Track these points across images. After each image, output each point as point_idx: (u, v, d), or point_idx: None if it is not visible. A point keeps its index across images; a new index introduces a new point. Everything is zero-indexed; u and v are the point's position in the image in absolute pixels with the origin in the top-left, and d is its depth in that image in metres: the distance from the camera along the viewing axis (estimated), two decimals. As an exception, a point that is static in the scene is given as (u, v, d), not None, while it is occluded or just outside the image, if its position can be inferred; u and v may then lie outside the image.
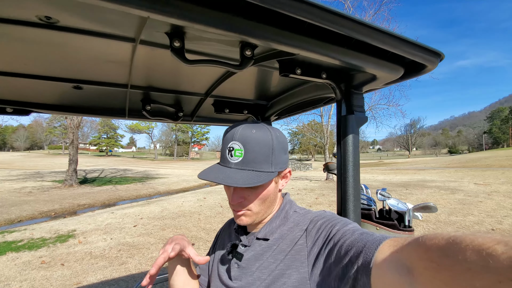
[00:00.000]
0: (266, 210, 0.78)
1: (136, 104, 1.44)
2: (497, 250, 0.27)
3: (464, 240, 0.31)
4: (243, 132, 0.72)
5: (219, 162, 0.77)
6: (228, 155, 0.73)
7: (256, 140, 0.71)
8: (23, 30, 0.71)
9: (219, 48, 0.83)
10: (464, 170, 17.88)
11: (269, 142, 0.73)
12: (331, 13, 0.62)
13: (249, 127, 0.73)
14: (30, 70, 1.02)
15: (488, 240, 0.29)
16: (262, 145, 0.72)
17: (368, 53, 0.83)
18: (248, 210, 0.75)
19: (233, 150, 0.71)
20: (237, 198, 0.73)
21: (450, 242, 0.33)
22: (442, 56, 0.88)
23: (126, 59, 0.94)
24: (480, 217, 6.02)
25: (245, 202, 0.74)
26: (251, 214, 0.75)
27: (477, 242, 0.30)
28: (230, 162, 0.72)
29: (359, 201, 1.04)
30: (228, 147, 0.73)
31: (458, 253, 0.31)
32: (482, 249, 0.29)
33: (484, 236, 0.30)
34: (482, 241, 0.30)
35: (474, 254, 0.29)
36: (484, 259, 0.28)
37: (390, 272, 0.43)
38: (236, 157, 0.71)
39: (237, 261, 0.77)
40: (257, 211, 0.76)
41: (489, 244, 0.29)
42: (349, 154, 1.03)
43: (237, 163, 0.71)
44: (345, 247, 0.57)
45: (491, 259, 0.27)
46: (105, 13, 0.64)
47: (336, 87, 1.04)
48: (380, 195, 1.37)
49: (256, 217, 0.77)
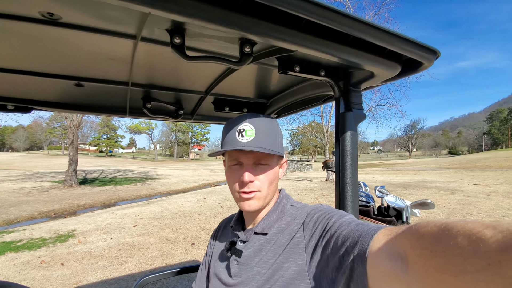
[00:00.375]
0: (271, 195, 0.80)
1: (137, 102, 1.45)
2: (486, 234, 0.28)
3: (455, 226, 0.32)
4: (251, 117, 0.77)
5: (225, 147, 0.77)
6: (238, 136, 0.75)
7: (264, 122, 0.77)
8: (26, 26, 0.72)
9: (219, 45, 0.85)
10: (464, 171, 17.89)
11: (275, 126, 0.80)
12: (329, 10, 0.64)
13: (256, 114, 0.79)
14: (31, 67, 1.03)
15: (477, 225, 0.30)
16: (270, 128, 0.78)
17: (366, 50, 0.84)
18: (259, 192, 0.76)
19: (244, 131, 0.75)
20: (249, 176, 0.74)
21: (442, 229, 0.34)
22: (438, 53, 0.89)
23: (127, 56, 0.95)
24: (479, 217, 6.03)
25: (256, 182, 0.76)
26: (260, 196, 0.77)
27: (467, 228, 0.31)
28: (241, 142, 0.74)
29: (357, 197, 1.05)
30: (238, 129, 0.76)
31: (450, 239, 0.32)
32: (472, 233, 0.30)
33: (474, 222, 0.31)
34: (472, 226, 0.31)
35: (464, 239, 0.30)
36: (474, 243, 0.29)
37: (385, 260, 0.44)
38: (248, 137, 0.74)
39: (236, 257, 0.78)
40: (265, 194, 0.78)
41: (478, 229, 0.30)
42: (347, 150, 1.04)
43: (249, 141, 0.74)
44: (341, 238, 0.58)
45: (481, 243, 0.28)
46: (107, 10, 0.65)
47: (334, 84, 1.05)
48: (378, 192, 1.38)
49: (263, 202, 0.78)
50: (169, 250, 4.73)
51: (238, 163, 0.78)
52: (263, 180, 0.77)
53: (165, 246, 4.91)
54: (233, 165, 0.79)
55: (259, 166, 0.77)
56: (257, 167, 0.76)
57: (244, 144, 0.74)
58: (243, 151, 0.75)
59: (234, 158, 0.78)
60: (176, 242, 5.15)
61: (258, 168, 0.76)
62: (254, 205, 0.76)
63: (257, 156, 0.76)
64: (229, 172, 0.80)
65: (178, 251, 4.68)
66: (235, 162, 0.78)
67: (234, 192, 0.78)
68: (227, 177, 0.81)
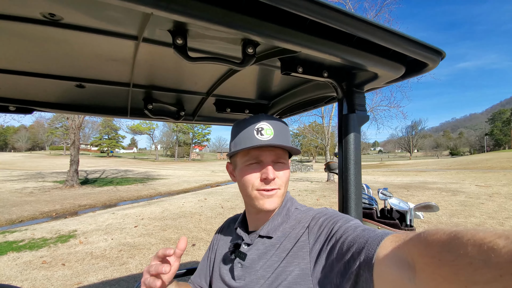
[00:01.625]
0: (285, 195, 0.81)
1: (138, 103, 1.44)
2: (498, 244, 0.27)
3: (465, 235, 0.31)
4: (267, 117, 0.79)
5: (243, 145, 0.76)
6: (257, 134, 0.75)
7: (279, 123, 0.79)
8: (27, 28, 0.71)
9: (221, 46, 0.84)
10: (465, 172, 17.81)
11: (286, 126, 0.82)
12: (333, 11, 0.63)
13: (268, 115, 0.81)
14: (33, 68, 1.02)
15: (489, 234, 0.29)
16: (284, 128, 0.80)
17: (370, 51, 0.83)
18: (279, 189, 0.77)
19: (263, 129, 0.76)
20: (274, 173, 0.74)
21: (452, 237, 0.33)
22: (443, 54, 0.88)
23: (128, 57, 0.94)
24: (481, 219, 5.99)
25: (277, 180, 0.76)
26: (280, 195, 0.77)
27: (478, 237, 0.30)
28: (261, 140, 0.74)
29: (360, 199, 1.04)
30: (257, 128, 0.76)
31: (459, 248, 0.31)
32: (483, 243, 0.29)
33: (485, 231, 0.30)
34: (483, 235, 0.29)
35: (475, 248, 0.29)
36: (485, 253, 0.28)
37: (392, 267, 0.43)
38: (267, 135, 0.75)
39: (240, 260, 0.77)
40: (283, 193, 0.79)
41: (490, 238, 0.28)
42: (350, 152, 1.03)
43: (270, 139, 0.75)
44: (347, 244, 0.57)
45: (492, 253, 0.27)
46: (109, 10, 0.64)
47: (337, 85, 1.04)
48: (381, 194, 1.36)
49: (281, 201, 0.78)
50: (170, 251, 4.72)
51: (257, 162, 0.76)
52: (283, 178, 0.78)
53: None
54: (251, 164, 0.77)
55: (278, 164, 0.77)
56: (276, 165, 0.77)
57: (267, 142, 0.74)
58: (265, 149, 0.76)
59: (254, 156, 0.76)
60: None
61: (277, 166, 0.77)
62: (275, 203, 0.76)
63: (277, 154, 0.77)
64: (245, 171, 0.77)
65: (179, 252, 4.67)
66: (254, 160, 0.76)
67: (252, 191, 0.76)
68: (241, 177, 0.78)
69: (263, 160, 0.76)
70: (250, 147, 0.73)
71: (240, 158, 0.79)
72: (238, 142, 0.78)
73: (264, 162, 0.75)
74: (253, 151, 0.76)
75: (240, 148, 0.75)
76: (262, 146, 0.73)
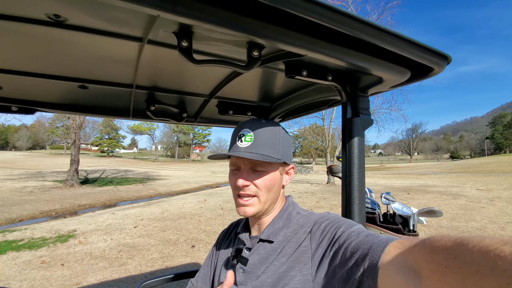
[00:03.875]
0: (271, 201, 0.80)
1: (141, 104, 1.44)
2: (505, 251, 0.27)
3: (471, 241, 0.31)
4: (253, 122, 0.79)
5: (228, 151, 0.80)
6: (238, 141, 0.78)
7: (265, 128, 0.79)
8: (32, 28, 0.71)
9: (226, 49, 0.83)
10: (466, 176, 17.78)
11: (276, 132, 0.80)
12: (341, 14, 0.62)
13: (260, 120, 0.81)
14: (36, 69, 1.02)
15: (495, 241, 0.29)
16: (269, 133, 0.78)
17: (376, 55, 0.83)
18: (255, 197, 0.76)
19: (244, 136, 0.77)
20: (244, 180, 0.75)
21: (457, 244, 0.32)
22: (450, 59, 0.87)
23: (132, 59, 0.94)
24: (482, 223, 5.97)
25: (252, 186, 0.76)
26: (257, 202, 0.77)
27: (484, 243, 0.29)
28: (239, 147, 0.77)
29: (364, 204, 1.03)
30: (239, 134, 0.78)
31: (466, 255, 0.30)
32: (489, 250, 0.28)
33: (492, 237, 0.30)
34: (489, 242, 0.29)
35: (481, 255, 0.29)
36: (492, 260, 0.27)
37: (397, 274, 0.43)
38: (246, 142, 0.76)
39: (242, 265, 0.77)
40: (264, 200, 0.77)
41: (496, 245, 0.28)
42: (354, 156, 1.02)
43: (246, 147, 0.76)
44: (350, 249, 0.57)
45: (499, 261, 0.27)
46: (115, 12, 0.64)
47: (342, 89, 1.04)
48: (384, 199, 1.36)
49: (262, 207, 0.77)
50: (170, 252, 4.71)
51: (237, 168, 0.79)
52: (260, 185, 0.77)
53: (166, 248, 4.89)
54: (233, 170, 0.81)
55: (255, 172, 0.77)
56: (254, 172, 0.77)
57: (241, 149, 0.76)
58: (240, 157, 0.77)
59: (233, 163, 0.80)
60: (177, 244, 5.13)
61: (255, 173, 0.77)
62: (249, 212, 0.77)
63: (253, 162, 0.76)
64: (230, 175, 0.82)
65: (178, 253, 4.66)
66: (234, 167, 0.80)
67: (234, 196, 0.80)
68: (229, 180, 0.83)
69: (241, 167, 0.78)
70: (220, 154, 0.78)
71: (229, 162, 0.84)
72: (229, 146, 0.83)
73: (241, 169, 0.77)
74: (233, 157, 0.79)
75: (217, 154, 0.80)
76: (231, 155, 0.76)
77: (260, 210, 0.77)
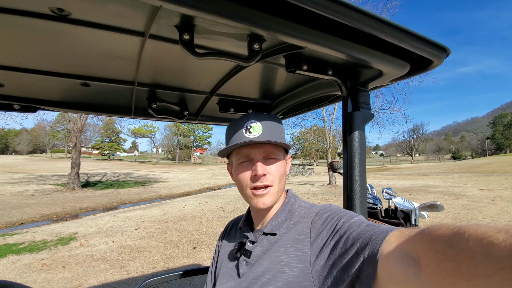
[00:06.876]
0: (281, 191, 0.81)
1: (142, 102, 1.45)
2: (498, 238, 0.28)
3: (467, 230, 0.32)
4: (256, 115, 0.80)
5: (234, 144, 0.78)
6: (246, 133, 0.77)
7: (269, 118, 0.80)
8: (34, 23, 0.71)
9: (228, 42, 0.84)
10: (467, 176, 17.73)
11: (278, 121, 0.83)
12: (341, 5, 0.63)
13: (259, 113, 0.82)
14: (38, 66, 1.02)
15: (490, 229, 0.30)
16: (275, 122, 0.81)
17: (375, 47, 0.84)
18: (271, 187, 0.77)
19: (251, 127, 0.77)
20: (263, 169, 0.75)
21: (455, 232, 0.34)
22: (448, 51, 0.88)
23: (134, 55, 0.95)
24: (484, 222, 5.94)
25: (268, 176, 0.76)
26: (273, 192, 0.77)
27: (480, 231, 0.31)
28: (250, 138, 0.76)
29: (365, 197, 1.03)
30: (245, 126, 0.77)
31: (462, 243, 0.32)
32: (484, 237, 0.30)
33: (487, 225, 0.32)
34: (484, 230, 0.31)
35: (476, 243, 0.30)
36: (486, 247, 0.29)
37: (397, 263, 0.44)
38: (256, 132, 0.77)
39: (245, 258, 0.77)
40: (277, 190, 0.78)
41: (490, 233, 0.30)
42: (355, 151, 1.03)
43: (258, 136, 0.76)
44: (351, 239, 0.57)
45: (492, 247, 0.28)
46: (118, 5, 0.65)
47: (342, 84, 1.04)
48: (386, 194, 1.35)
49: (276, 197, 0.78)
50: (171, 253, 4.70)
51: (248, 160, 0.78)
52: (275, 174, 0.77)
53: (167, 250, 4.88)
54: (242, 162, 0.79)
55: (269, 161, 0.78)
56: (267, 161, 0.77)
57: (254, 139, 0.75)
58: (253, 147, 0.76)
59: (244, 155, 0.78)
60: (178, 245, 5.11)
61: (268, 162, 0.77)
62: (268, 202, 0.76)
63: (267, 151, 0.77)
64: (238, 170, 0.79)
65: (180, 254, 4.64)
66: (245, 159, 0.78)
67: (246, 189, 0.78)
68: (236, 176, 0.80)
69: (253, 157, 0.77)
70: (236, 144, 0.76)
71: (234, 157, 0.82)
72: (229, 142, 0.81)
73: (254, 159, 0.77)
74: (243, 149, 0.78)
75: (231, 145, 0.77)
76: (248, 143, 0.75)
77: (276, 199, 0.78)
